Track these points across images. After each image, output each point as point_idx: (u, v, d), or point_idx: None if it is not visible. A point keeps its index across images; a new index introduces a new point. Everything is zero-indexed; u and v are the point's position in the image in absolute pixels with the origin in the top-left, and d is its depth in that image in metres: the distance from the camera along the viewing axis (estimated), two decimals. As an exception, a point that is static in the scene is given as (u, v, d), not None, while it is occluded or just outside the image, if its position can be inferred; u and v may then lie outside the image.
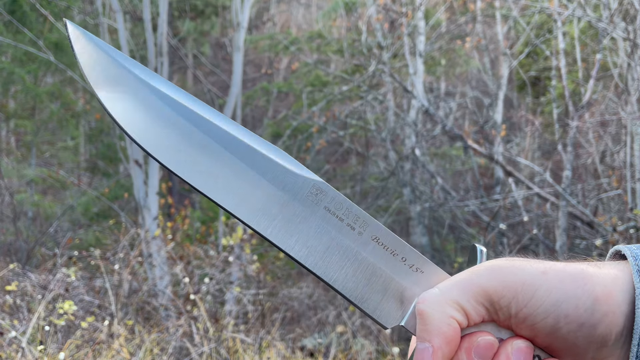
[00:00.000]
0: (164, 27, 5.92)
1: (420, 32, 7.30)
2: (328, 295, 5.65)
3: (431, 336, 0.45)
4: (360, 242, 0.48)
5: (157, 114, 0.48)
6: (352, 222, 0.48)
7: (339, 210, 0.49)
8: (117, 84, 0.48)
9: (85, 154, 9.05)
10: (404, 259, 0.49)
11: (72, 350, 3.35)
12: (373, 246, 0.48)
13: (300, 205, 0.48)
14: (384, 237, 0.49)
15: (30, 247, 6.33)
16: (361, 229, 0.49)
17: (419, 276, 0.49)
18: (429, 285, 0.48)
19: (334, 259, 0.48)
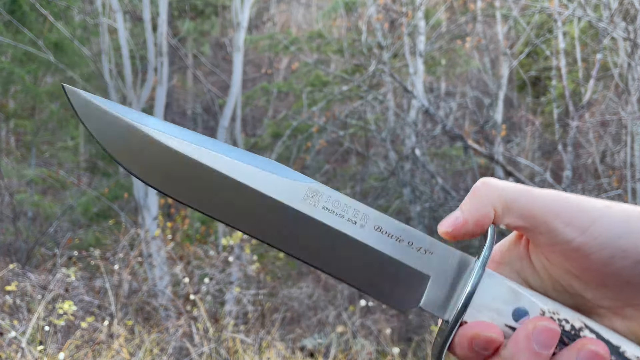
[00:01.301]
0: (164, 27, 5.91)
1: (420, 32, 7.29)
2: (328, 296, 5.65)
3: (469, 209, 0.47)
4: (364, 235, 0.49)
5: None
6: (353, 217, 0.49)
7: (337, 208, 0.49)
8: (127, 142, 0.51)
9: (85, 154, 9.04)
10: (410, 243, 0.49)
11: (71, 350, 3.35)
12: (377, 236, 0.49)
13: (299, 210, 0.49)
14: (387, 226, 0.49)
15: (30, 247, 6.32)
16: (362, 222, 0.49)
17: (429, 257, 0.49)
18: (440, 264, 0.49)
19: (341, 255, 0.49)
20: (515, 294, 0.47)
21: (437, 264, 0.49)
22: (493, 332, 0.45)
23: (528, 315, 0.46)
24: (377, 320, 4.65)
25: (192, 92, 12.00)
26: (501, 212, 0.46)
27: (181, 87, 11.81)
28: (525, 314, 0.47)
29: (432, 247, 0.49)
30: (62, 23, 7.25)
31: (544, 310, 0.46)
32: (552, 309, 0.47)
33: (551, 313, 0.46)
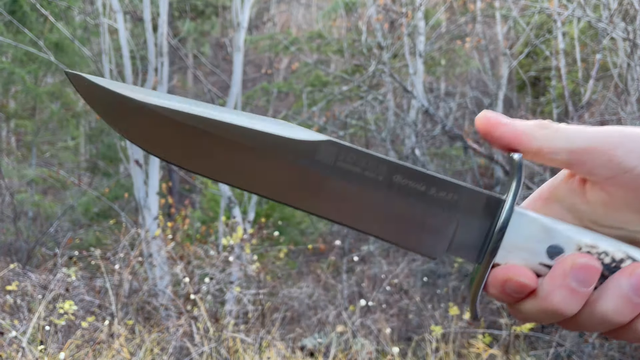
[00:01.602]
0: (164, 27, 5.92)
1: (420, 32, 7.30)
2: (328, 295, 5.65)
3: (521, 122, 0.45)
4: (385, 186, 0.47)
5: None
6: (373, 169, 0.48)
7: (356, 162, 0.48)
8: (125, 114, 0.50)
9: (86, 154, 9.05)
10: (434, 190, 0.47)
11: (72, 350, 3.36)
12: (399, 186, 0.47)
13: (317, 169, 0.48)
14: (408, 174, 0.47)
15: (30, 247, 6.33)
16: (383, 173, 0.48)
17: (454, 202, 0.47)
18: (467, 208, 0.47)
19: (365, 210, 0.48)
20: (549, 231, 0.45)
21: (464, 208, 0.47)
22: (525, 278, 0.43)
23: (564, 253, 0.44)
24: (377, 320, 4.66)
25: (192, 92, 12.00)
26: (557, 149, 0.44)
27: (181, 87, 11.82)
28: (561, 251, 0.44)
29: (457, 191, 0.47)
30: (62, 23, 7.26)
31: (581, 245, 0.44)
32: (590, 243, 0.44)
33: (589, 247, 0.44)
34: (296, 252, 7.04)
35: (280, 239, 6.31)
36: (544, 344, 4.61)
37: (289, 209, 7.38)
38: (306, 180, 0.47)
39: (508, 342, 4.19)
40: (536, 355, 4.44)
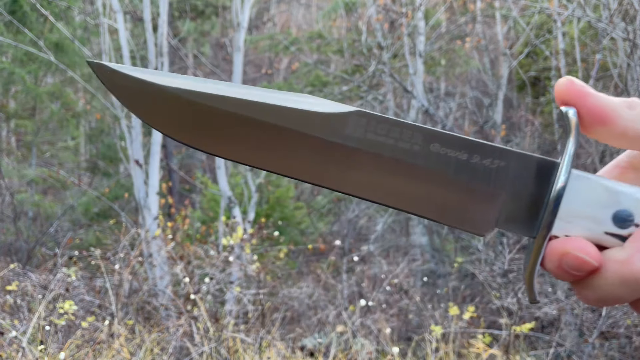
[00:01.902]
0: (165, 28, 5.92)
1: (420, 32, 7.30)
2: (328, 295, 5.65)
3: (605, 96, 0.40)
4: (422, 156, 0.43)
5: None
6: (407, 139, 0.43)
7: (387, 132, 0.43)
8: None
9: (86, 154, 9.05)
10: (477, 157, 0.42)
11: (72, 350, 3.35)
12: (437, 155, 0.42)
13: (346, 142, 0.44)
14: (446, 141, 0.42)
15: (30, 247, 6.33)
16: (417, 142, 0.43)
17: (501, 169, 0.42)
18: (516, 175, 0.42)
19: (401, 184, 0.43)
20: (614, 194, 0.39)
21: (512, 175, 0.42)
22: (585, 253, 0.38)
23: (633, 218, 0.39)
24: (377, 320, 4.65)
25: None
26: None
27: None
28: (630, 216, 0.39)
29: (503, 157, 0.42)
30: (62, 23, 7.26)
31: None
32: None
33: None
34: (296, 252, 7.04)
35: (280, 239, 6.31)
36: (544, 344, 4.60)
37: (289, 209, 7.38)
38: (335, 156, 0.43)
39: (508, 342, 4.19)
40: (536, 355, 4.44)
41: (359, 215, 7.62)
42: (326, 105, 0.45)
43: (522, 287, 4.83)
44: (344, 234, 7.29)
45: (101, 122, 8.16)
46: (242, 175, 6.80)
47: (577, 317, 4.54)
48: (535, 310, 4.71)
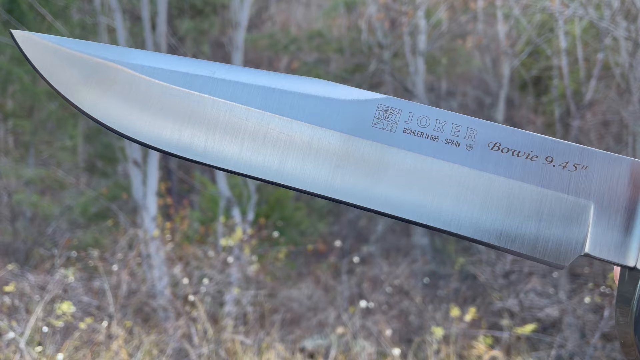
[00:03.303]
0: (163, 26, 5.89)
1: (421, 31, 7.27)
2: (328, 296, 5.62)
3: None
4: (476, 159, 0.33)
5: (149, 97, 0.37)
6: (453, 136, 0.34)
7: (426, 127, 0.34)
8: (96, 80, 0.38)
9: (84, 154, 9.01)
10: (550, 160, 0.33)
11: (70, 351, 3.33)
12: (496, 158, 0.33)
13: (369, 141, 0.34)
14: (507, 139, 0.33)
15: (28, 247, 6.30)
16: (469, 141, 0.34)
17: (584, 175, 0.32)
18: (605, 183, 0.32)
19: (445, 197, 0.33)
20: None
21: (599, 183, 0.32)
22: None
23: None
24: (377, 321, 4.63)
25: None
26: None
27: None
28: None
29: (585, 159, 0.32)
30: (60, 22, 7.22)
31: None
32: None
33: None
34: (296, 252, 7.01)
35: (280, 239, 6.28)
36: (545, 346, 4.58)
37: (288, 209, 7.35)
38: (359, 159, 0.33)
39: (509, 343, 4.18)
40: (538, 356, 4.42)
41: (359, 216, 7.60)
42: (343, 90, 0.35)
43: (524, 288, 4.80)
44: (344, 234, 7.27)
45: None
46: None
47: (579, 318, 4.52)
48: (537, 311, 4.69)
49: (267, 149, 0.35)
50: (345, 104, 0.35)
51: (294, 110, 0.35)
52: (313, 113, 0.35)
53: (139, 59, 0.38)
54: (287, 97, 0.35)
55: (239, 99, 0.35)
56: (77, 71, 0.38)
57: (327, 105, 0.35)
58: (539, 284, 4.92)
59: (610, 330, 4.22)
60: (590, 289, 4.53)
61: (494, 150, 0.34)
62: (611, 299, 4.17)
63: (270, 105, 0.35)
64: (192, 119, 0.36)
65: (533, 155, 0.33)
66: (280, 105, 0.35)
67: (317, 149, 0.34)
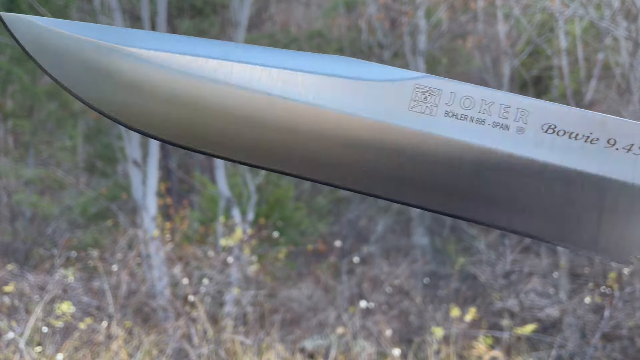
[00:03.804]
0: (163, 26, 5.88)
1: (421, 31, 7.26)
2: (328, 296, 5.62)
3: None
4: (528, 144, 0.29)
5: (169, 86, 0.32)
6: (501, 118, 0.30)
7: (470, 109, 0.30)
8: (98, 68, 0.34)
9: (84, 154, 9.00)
10: (611, 142, 0.29)
11: (70, 351, 3.33)
12: (551, 141, 0.29)
13: (406, 128, 0.30)
14: (563, 120, 0.30)
15: (28, 247, 6.30)
16: (520, 123, 0.30)
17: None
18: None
19: (493, 186, 0.29)
20: None
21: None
22: None
23: None
24: (377, 322, 4.62)
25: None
26: None
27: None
28: None
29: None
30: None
31: None
32: None
33: None
34: (296, 253, 7.00)
35: (280, 239, 6.28)
36: (545, 346, 4.57)
37: (288, 209, 7.33)
38: (395, 149, 0.28)
39: (510, 343, 4.17)
40: (538, 357, 4.41)
41: (359, 216, 7.59)
42: (370, 69, 0.31)
43: (524, 288, 4.80)
44: (344, 234, 7.26)
45: (99, 122, 8.12)
46: (240, 176, 6.76)
47: (579, 318, 4.51)
48: (537, 311, 4.68)
49: (288, 140, 0.30)
50: (377, 86, 0.30)
51: (320, 96, 0.30)
52: (340, 97, 0.30)
53: (144, 40, 0.34)
54: (311, 80, 0.30)
55: (258, 83, 0.31)
56: (77, 56, 0.35)
57: (356, 88, 0.30)
58: (539, 284, 4.91)
59: (611, 331, 4.21)
60: (591, 289, 4.53)
61: (548, 132, 0.30)
62: (611, 299, 4.17)
63: (293, 90, 0.30)
64: (203, 109, 0.32)
65: (593, 137, 0.29)
66: (304, 90, 0.30)
67: (346, 140, 0.29)
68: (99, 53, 0.34)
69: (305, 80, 0.30)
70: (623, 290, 4.06)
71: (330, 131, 0.30)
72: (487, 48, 7.95)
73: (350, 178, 0.30)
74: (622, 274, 4.06)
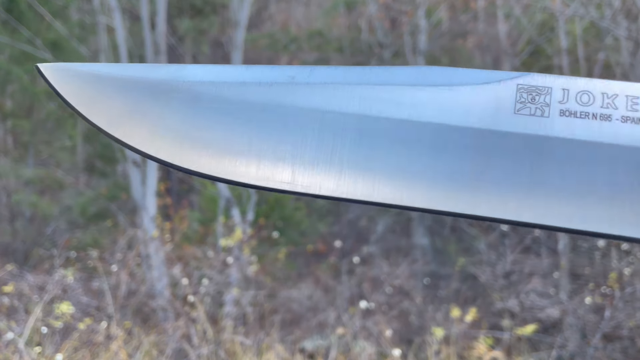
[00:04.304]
0: (163, 26, 5.87)
1: (421, 31, 7.26)
2: (328, 297, 5.61)
3: None
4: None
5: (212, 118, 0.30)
6: (631, 111, 0.25)
7: (590, 105, 0.26)
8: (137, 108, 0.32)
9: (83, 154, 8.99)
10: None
11: (69, 352, 3.32)
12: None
13: (516, 132, 0.25)
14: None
15: (27, 247, 6.29)
16: (631, 112, 0.25)
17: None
18: None
19: (628, 190, 0.25)
20: None
21: None
22: None
23: None
24: (377, 322, 4.61)
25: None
26: None
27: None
28: None
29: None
30: (59, 21, 7.20)
31: None
32: None
33: None
34: (296, 253, 6.99)
35: (280, 239, 6.27)
36: (546, 346, 4.56)
37: (288, 209, 7.32)
38: (505, 158, 0.24)
39: (510, 344, 4.16)
40: (538, 357, 4.40)
41: (360, 216, 7.58)
42: (461, 74, 0.27)
43: (524, 289, 4.79)
44: (344, 234, 7.25)
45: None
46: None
47: (579, 319, 4.50)
48: (538, 312, 4.67)
49: (374, 163, 0.26)
50: (473, 91, 0.26)
51: (403, 107, 0.26)
52: (431, 108, 0.26)
53: (196, 75, 0.31)
54: (393, 92, 0.26)
55: (331, 103, 0.28)
56: (122, 98, 0.32)
57: (448, 96, 0.26)
58: (540, 284, 4.90)
59: (612, 331, 4.20)
60: (591, 290, 4.52)
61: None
62: (612, 299, 4.16)
63: (371, 106, 0.27)
64: (271, 138, 0.28)
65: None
66: (384, 103, 0.26)
67: (444, 153, 0.25)
68: (148, 92, 0.31)
69: (385, 92, 0.27)
70: (623, 290, 4.05)
71: (424, 146, 0.26)
72: (487, 48, 7.94)
73: (451, 202, 0.26)
74: (623, 274, 4.06)
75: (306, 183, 0.28)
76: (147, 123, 0.32)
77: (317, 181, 0.28)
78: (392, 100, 0.26)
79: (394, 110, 0.26)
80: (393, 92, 0.26)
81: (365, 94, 0.27)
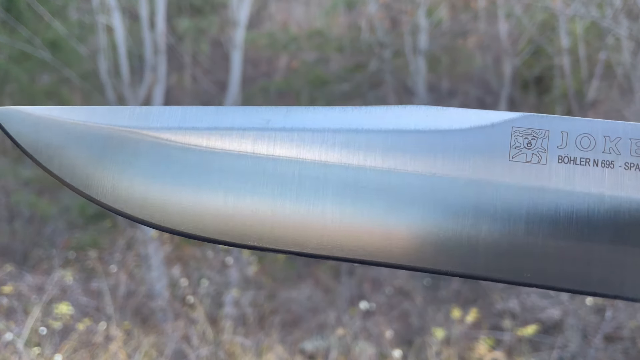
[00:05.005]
0: (162, 25, 5.86)
1: (421, 30, 7.24)
2: (328, 297, 5.60)
3: None
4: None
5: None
6: (635, 157, 0.23)
7: (591, 150, 0.23)
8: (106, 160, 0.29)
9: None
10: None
11: (68, 352, 3.31)
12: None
13: (511, 183, 0.23)
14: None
15: (26, 248, 6.27)
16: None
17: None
18: None
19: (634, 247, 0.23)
20: None
21: None
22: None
23: None
24: (378, 323, 4.60)
25: (190, 90, 11.95)
26: None
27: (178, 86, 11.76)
28: None
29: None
30: (59, 21, 7.19)
31: None
32: None
33: None
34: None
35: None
36: (547, 347, 4.56)
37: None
38: (498, 211, 0.22)
39: (511, 345, 4.16)
40: (539, 358, 4.39)
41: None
42: (455, 116, 0.23)
43: (525, 289, 4.78)
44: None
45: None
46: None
47: (580, 319, 4.49)
48: (539, 312, 4.67)
49: (358, 217, 0.23)
50: (462, 135, 0.23)
51: (391, 155, 0.23)
52: (418, 156, 0.23)
53: (162, 120, 0.28)
54: (378, 138, 0.23)
55: (310, 151, 0.25)
56: (85, 148, 0.29)
57: (436, 141, 0.23)
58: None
59: (613, 332, 4.19)
60: (593, 290, 4.51)
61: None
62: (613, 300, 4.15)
63: (355, 155, 0.24)
64: (245, 190, 0.25)
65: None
66: (369, 152, 0.23)
67: (432, 205, 0.22)
68: (112, 141, 0.28)
69: (371, 139, 0.23)
70: (625, 291, 4.04)
71: (409, 198, 0.23)
72: (488, 47, 7.93)
73: (441, 261, 0.23)
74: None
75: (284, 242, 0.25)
76: (110, 175, 0.30)
77: (297, 237, 0.25)
78: (376, 146, 0.24)
79: (376, 159, 0.24)
80: (377, 138, 0.23)
81: (345, 141, 0.24)
